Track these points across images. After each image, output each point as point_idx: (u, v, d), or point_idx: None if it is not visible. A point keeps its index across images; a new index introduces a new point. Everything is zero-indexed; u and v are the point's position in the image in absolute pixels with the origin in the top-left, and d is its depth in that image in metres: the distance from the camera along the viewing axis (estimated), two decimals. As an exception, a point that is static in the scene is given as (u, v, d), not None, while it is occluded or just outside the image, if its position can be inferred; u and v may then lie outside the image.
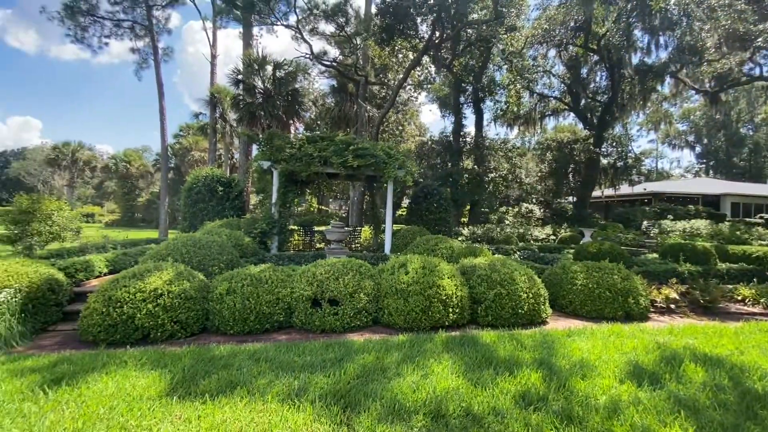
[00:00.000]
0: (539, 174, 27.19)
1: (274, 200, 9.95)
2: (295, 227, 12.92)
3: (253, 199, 20.74)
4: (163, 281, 4.82)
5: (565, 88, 27.28)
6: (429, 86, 24.78)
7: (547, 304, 5.89)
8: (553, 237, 18.24)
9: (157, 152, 39.43)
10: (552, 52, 25.25)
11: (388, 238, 10.18)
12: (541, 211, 24.83)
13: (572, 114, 28.80)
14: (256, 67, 16.82)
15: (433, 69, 22.96)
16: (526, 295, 5.57)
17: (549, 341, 4.65)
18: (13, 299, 4.57)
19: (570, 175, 27.98)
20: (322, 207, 28.87)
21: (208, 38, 22.03)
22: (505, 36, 18.49)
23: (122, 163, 35.05)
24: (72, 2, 19.95)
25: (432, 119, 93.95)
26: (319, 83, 26.06)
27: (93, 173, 39.70)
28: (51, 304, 5.08)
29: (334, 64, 19.43)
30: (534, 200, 26.20)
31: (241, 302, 4.95)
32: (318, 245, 12.79)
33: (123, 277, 4.84)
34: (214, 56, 21.89)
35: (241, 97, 17.08)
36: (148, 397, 3.02)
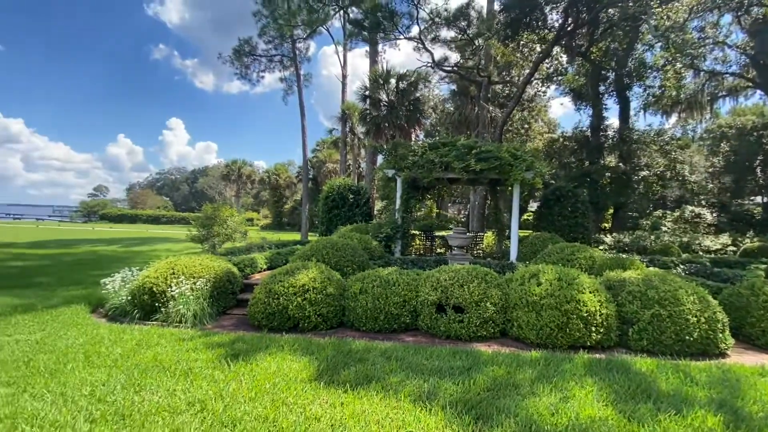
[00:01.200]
0: (710, 169, 22.10)
1: (397, 206, 10.41)
2: (416, 232, 13.27)
3: (377, 205, 22.11)
4: (309, 278, 5.52)
5: (747, 60, 21.54)
6: (560, 78, 22.54)
7: (727, 332, 4.74)
8: (732, 248, 14.57)
9: (299, 165, 45.39)
10: (727, 19, 20.29)
11: (513, 245, 9.62)
12: (714, 215, 20.08)
13: (758, 91, 22.56)
14: (381, 82, 17.94)
15: (564, 59, 20.86)
16: (695, 318, 4.58)
17: (732, 379, 3.73)
18: (205, 287, 5.84)
19: (757, 170, 21.96)
20: (441, 211, 28.97)
21: (340, 60, 24.48)
22: (659, 9, 15.65)
23: (273, 176, 41.56)
24: (238, 47, 24.62)
25: (562, 113, 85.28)
26: (438, 89, 26.29)
27: (252, 185, 48.12)
28: (229, 292, 6.32)
29: (455, 68, 19.38)
30: (703, 202, 21.37)
31: (372, 302, 5.32)
32: (438, 250, 12.88)
33: (279, 273, 5.71)
34: (344, 76, 24.18)
35: (367, 111, 18.44)
36: (300, 380, 3.50)
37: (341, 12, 21.19)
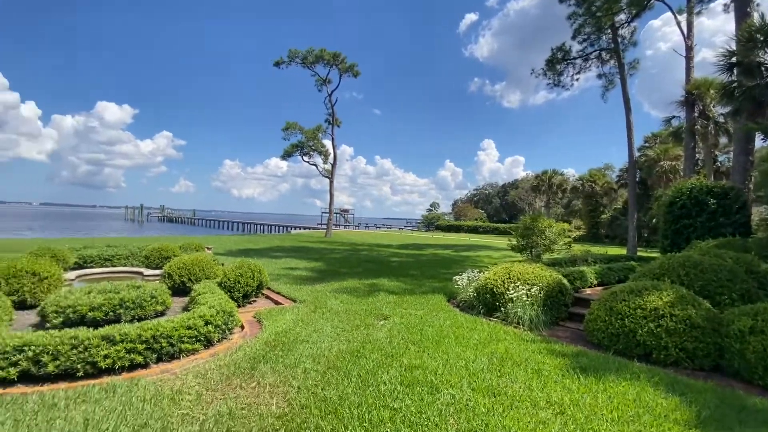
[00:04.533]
0: None
1: (810, 213, 6.92)
2: None
3: (756, 213, 15.58)
4: (664, 302, 4.62)
5: None
6: None
7: None
8: None
9: (620, 168, 39.31)
10: None
11: None
12: None
13: None
14: (760, 38, 12.67)
15: None
16: None
17: None
18: (539, 294, 6.08)
19: None
20: None
21: (681, 31, 19.34)
22: None
23: (587, 183, 38.03)
24: (551, 57, 24.41)
25: None
26: None
27: (563, 194, 46.02)
28: (561, 303, 6.28)
29: None
30: None
31: (777, 349, 3.78)
32: None
33: (621, 291, 5.12)
34: (689, 48, 18.92)
35: (734, 84, 13.47)
36: (674, 420, 2.95)
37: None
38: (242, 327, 5.48)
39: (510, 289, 6.25)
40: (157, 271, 8.71)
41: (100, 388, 3.31)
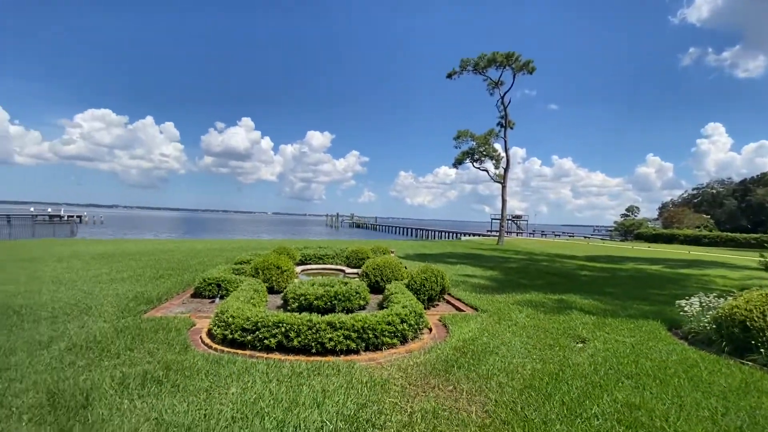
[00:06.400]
0: None
1: None
2: None
3: None
4: None
5: None
6: None
7: None
8: None
9: None
10: None
11: None
12: None
13: None
14: None
15: None
16: None
17: None
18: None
19: None
20: None
21: None
22: None
23: None
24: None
25: None
26: None
27: None
28: None
29: None
30: None
31: None
32: None
33: None
34: None
35: None
36: None
37: None
38: (430, 329, 5.79)
39: (777, 325, 4.57)
40: (355, 270, 10.15)
41: (328, 366, 4.05)
